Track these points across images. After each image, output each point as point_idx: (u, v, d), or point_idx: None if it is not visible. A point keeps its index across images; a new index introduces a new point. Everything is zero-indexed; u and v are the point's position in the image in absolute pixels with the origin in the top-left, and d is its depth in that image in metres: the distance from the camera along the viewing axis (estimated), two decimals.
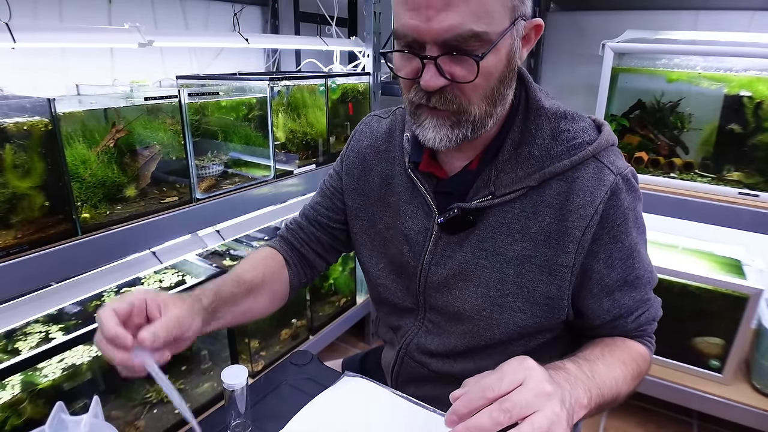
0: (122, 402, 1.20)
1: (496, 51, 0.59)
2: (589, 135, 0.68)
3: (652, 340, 0.76)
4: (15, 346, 1.09)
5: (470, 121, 0.63)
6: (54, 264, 0.98)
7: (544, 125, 0.67)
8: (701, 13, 1.69)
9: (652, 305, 0.74)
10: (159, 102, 1.15)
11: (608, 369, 0.63)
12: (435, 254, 0.74)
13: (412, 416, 0.71)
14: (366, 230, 0.83)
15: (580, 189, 0.66)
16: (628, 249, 0.68)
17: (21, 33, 0.97)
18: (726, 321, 1.49)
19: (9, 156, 0.89)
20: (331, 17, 2.02)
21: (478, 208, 0.69)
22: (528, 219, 0.67)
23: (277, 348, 1.68)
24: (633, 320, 0.73)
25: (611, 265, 0.68)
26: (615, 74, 1.48)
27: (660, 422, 1.68)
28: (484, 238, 0.70)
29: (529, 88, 0.70)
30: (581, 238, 0.66)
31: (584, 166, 0.67)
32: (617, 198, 0.66)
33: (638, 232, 0.70)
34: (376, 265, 0.82)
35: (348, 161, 0.84)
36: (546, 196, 0.67)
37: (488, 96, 0.62)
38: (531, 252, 0.68)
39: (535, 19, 0.64)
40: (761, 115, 1.31)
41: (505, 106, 0.66)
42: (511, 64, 0.63)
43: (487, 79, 0.60)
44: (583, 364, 0.61)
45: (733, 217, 1.33)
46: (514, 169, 0.67)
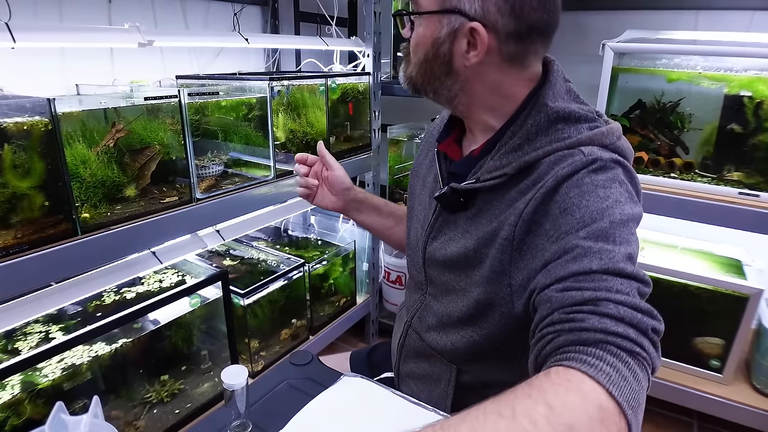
0: (122, 402, 1.20)
1: (423, 25, 0.70)
2: (580, 133, 0.67)
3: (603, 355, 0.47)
4: (15, 346, 1.09)
5: (407, 76, 0.76)
6: (54, 264, 0.98)
7: (541, 122, 0.68)
8: (701, 13, 1.69)
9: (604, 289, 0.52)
10: (159, 102, 1.15)
11: None
12: (434, 228, 0.80)
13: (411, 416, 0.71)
14: (409, 208, 0.94)
15: (542, 170, 0.65)
16: (578, 222, 0.58)
17: (21, 33, 0.97)
18: (726, 321, 1.49)
19: (9, 156, 0.89)
20: (331, 17, 2.02)
21: (467, 190, 0.72)
22: (504, 205, 0.69)
23: (277, 348, 1.68)
24: (560, 289, 0.55)
25: (549, 237, 0.61)
26: (615, 74, 1.48)
27: (660, 422, 1.68)
28: (469, 220, 0.74)
29: (545, 87, 0.70)
30: (523, 210, 0.64)
31: (557, 153, 0.66)
32: (577, 174, 0.62)
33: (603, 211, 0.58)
34: (407, 234, 0.92)
35: (420, 146, 0.96)
36: (521, 185, 0.67)
37: (417, 65, 0.72)
38: (497, 230, 0.69)
39: (474, 23, 0.65)
40: (761, 115, 1.31)
41: (447, 93, 0.73)
42: (437, 49, 0.69)
43: (415, 44, 0.72)
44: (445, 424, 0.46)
45: (734, 217, 1.33)
46: (500, 158, 0.70)
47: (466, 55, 0.68)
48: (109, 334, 1.11)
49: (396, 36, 1.93)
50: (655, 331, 0.51)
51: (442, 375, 0.82)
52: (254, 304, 1.55)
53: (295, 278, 1.69)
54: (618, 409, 0.43)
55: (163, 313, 1.24)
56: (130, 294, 1.32)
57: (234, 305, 1.46)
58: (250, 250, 1.81)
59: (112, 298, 1.29)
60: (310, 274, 1.76)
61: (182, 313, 1.30)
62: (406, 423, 0.70)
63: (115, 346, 1.14)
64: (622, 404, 0.43)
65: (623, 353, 0.47)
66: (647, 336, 0.49)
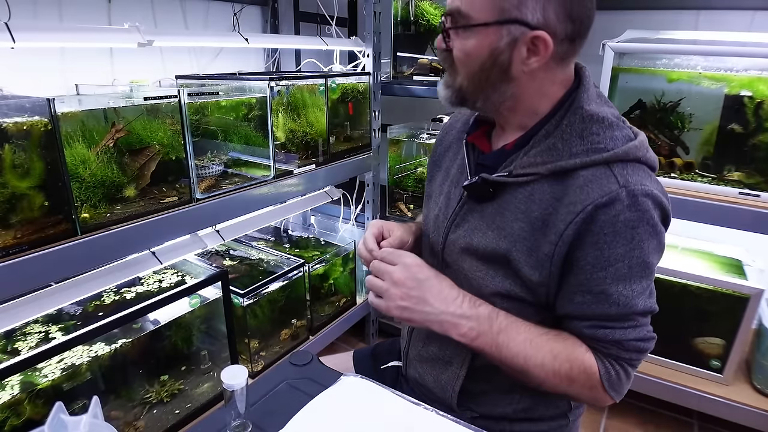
0: (122, 402, 1.20)
1: (477, 36, 0.69)
2: (614, 144, 0.70)
3: (615, 365, 0.72)
4: (15, 346, 1.09)
5: (455, 88, 0.75)
6: (53, 264, 0.98)
7: (576, 124, 0.71)
8: (702, 12, 1.69)
9: (621, 328, 0.71)
10: (159, 102, 1.15)
11: (525, 345, 0.72)
12: (458, 216, 0.82)
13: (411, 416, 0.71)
14: (427, 196, 0.95)
15: (578, 185, 0.68)
16: (605, 261, 0.68)
17: (21, 33, 0.97)
18: (726, 321, 1.48)
19: (8, 156, 0.89)
20: (331, 17, 2.02)
21: (497, 182, 0.74)
22: (533, 203, 0.72)
23: (277, 348, 1.68)
24: (589, 326, 0.72)
25: (581, 268, 0.69)
26: (615, 74, 1.48)
27: (660, 422, 1.68)
28: (496, 211, 0.76)
29: (580, 90, 0.74)
30: (563, 232, 0.68)
31: (594, 169, 0.69)
32: (613, 207, 0.66)
33: (627, 253, 0.67)
34: (425, 220, 0.93)
35: (437, 138, 0.98)
36: (555, 189, 0.70)
37: (470, 75, 0.72)
38: (526, 234, 0.72)
39: (538, 31, 0.67)
40: (762, 115, 1.31)
41: (499, 98, 0.74)
42: (495, 58, 0.70)
43: (467, 56, 0.71)
44: (502, 323, 0.73)
45: (734, 217, 1.33)
46: (535, 156, 0.72)
47: (526, 62, 0.70)
48: (109, 334, 1.11)
49: (396, 36, 1.93)
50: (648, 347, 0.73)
51: (454, 357, 0.83)
52: (254, 304, 1.55)
53: (294, 278, 1.69)
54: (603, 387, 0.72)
55: (163, 313, 1.24)
56: (129, 294, 1.32)
57: (234, 305, 1.46)
58: (250, 250, 1.81)
59: (111, 298, 1.29)
60: (310, 274, 1.76)
61: (182, 313, 1.30)
62: (405, 423, 0.70)
63: (115, 347, 1.14)
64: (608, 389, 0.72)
65: (625, 365, 0.73)
66: (643, 352, 0.73)
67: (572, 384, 0.72)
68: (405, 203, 2.06)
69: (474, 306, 0.74)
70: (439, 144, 0.96)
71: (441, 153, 0.94)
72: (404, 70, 1.98)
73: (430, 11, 1.88)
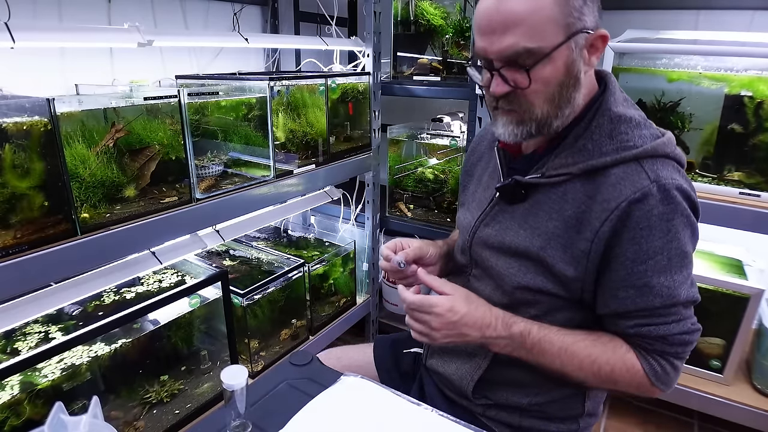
0: (122, 402, 1.20)
1: (552, 62, 0.69)
2: (643, 141, 0.72)
3: (660, 360, 0.74)
4: (14, 346, 1.09)
5: (533, 120, 0.74)
6: (53, 264, 0.98)
7: (605, 125, 0.74)
8: (702, 12, 1.69)
9: (665, 323, 0.72)
10: (158, 102, 1.15)
11: (560, 354, 0.76)
12: (488, 216, 0.86)
13: (411, 416, 0.71)
14: (462, 202, 1.00)
15: (610, 183, 0.71)
16: (644, 254, 0.70)
17: (20, 33, 0.97)
18: (727, 321, 1.48)
19: (8, 156, 0.89)
20: (331, 17, 2.02)
21: (530, 184, 0.78)
22: (566, 202, 0.75)
23: (277, 348, 1.68)
24: (633, 326, 0.74)
25: (621, 264, 0.71)
26: (615, 74, 1.48)
27: (660, 422, 1.68)
28: (529, 211, 0.79)
29: (607, 93, 0.77)
30: (599, 229, 0.71)
31: (624, 166, 0.71)
32: (646, 202, 0.68)
33: (665, 245, 0.70)
34: (459, 226, 0.97)
35: (474, 142, 1.03)
36: (587, 187, 0.73)
37: (550, 99, 0.73)
38: (560, 232, 0.75)
39: (600, 30, 0.72)
40: (762, 114, 1.31)
41: (573, 107, 0.75)
42: (571, 71, 0.72)
43: (545, 85, 0.71)
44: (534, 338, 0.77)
45: (734, 217, 1.33)
46: (566, 157, 0.76)
47: (589, 61, 0.73)
48: (109, 334, 1.11)
49: (396, 36, 1.93)
50: (693, 339, 0.74)
51: (478, 351, 0.86)
52: (254, 304, 1.55)
53: (294, 278, 1.69)
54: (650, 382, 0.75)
55: (163, 313, 1.24)
56: (129, 294, 1.32)
57: (234, 305, 1.46)
58: (250, 250, 1.81)
59: (111, 298, 1.29)
60: (310, 274, 1.76)
61: (182, 314, 1.30)
62: (405, 423, 0.70)
63: (115, 347, 1.14)
64: (655, 383, 0.75)
65: (671, 358, 0.75)
66: (689, 344, 0.75)
67: (617, 384, 0.76)
68: (405, 203, 2.06)
69: (507, 327, 0.78)
70: (471, 154, 1.00)
71: (473, 162, 0.98)
72: (404, 70, 1.98)
73: (430, 11, 1.88)
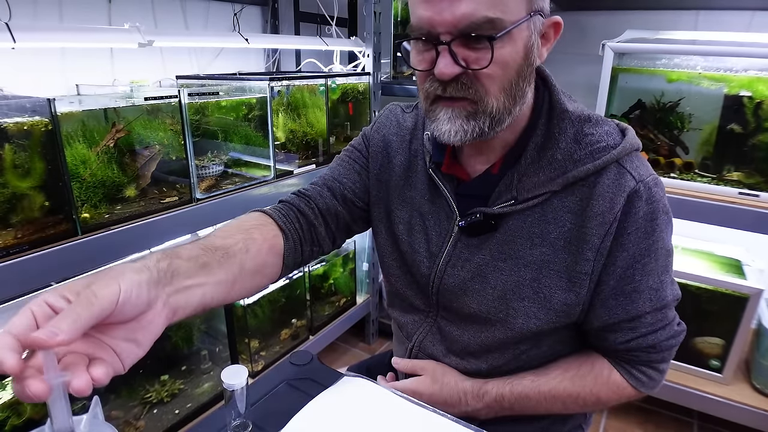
0: (122, 402, 1.20)
1: (512, 41, 0.59)
2: (613, 139, 0.67)
3: (646, 370, 0.72)
4: None
5: (487, 113, 0.61)
6: (54, 264, 0.98)
7: (567, 129, 0.66)
8: (701, 13, 1.69)
9: (654, 331, 0.69)
10: (159, 102, 1.15)
11: (541, 402, 0.73)
12: (453, 256, 0.73)
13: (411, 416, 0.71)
14: (382, 220, 0.81)
15: (600, 194, 0.64)
16: (631, 258, 0.65)
17: (21, 33, 0.97)
18: (726, 321, 1.49)
19: (9, 156, 0.89)
20: (331, 17, 2.02)
21: (500, 214, 0.68)
22: (548, 224, 0.66)
23: (277, 348, 1.68)
24: (623, 341, 0.69)
25: (612, 273, 0.66)
26: (615, 74, 1.48)
27: (660, 422, 1.68)
28: (503, 241, 0.69)
29: (553, 90, 0.69)
30: (600, 246, 0.64)
31: (606, 171, 0.65)
32: (632, 205, 0.64)
33: (650, 246, 0.65)
34: (390, 255, 0.81)
35: (374, 144, 0.83)
36: (567, 201, 0.66)
37: (506, 89, 0.61)
38: (550, 257, 0.67)
39: (553, 16, 0.63)
40: (761, 115, 1.31)
41: (523, 104, 0.65)
42: (529, 58, 0.62)
43: (503, 68, 0.59)
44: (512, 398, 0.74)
45: (734, 217, 1.33)
46: (537, 173, 0.66)
47: (540, 51, 0.64)
48: None
49: (396, 36, 1.93)
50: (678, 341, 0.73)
51: None
52: (254, 304, 1.55)
53: (295, 278, 1.69)
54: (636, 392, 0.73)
55: None
56: None
57: (234, 305, 1.46)
58: None
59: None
60: (310, 274, 1.76)
61: None
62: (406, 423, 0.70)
63: None
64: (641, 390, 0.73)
65: (656, 364, 0.73)
66: (674, 347, 0.73)
67: (605, 405, 0.75)
68: None
69: (479, 399, 0.75)
70: (379, 153, 0.81)
71: (383, 166, 0.81)
72: (404, 70, 1.98)
73: None
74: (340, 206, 0.80)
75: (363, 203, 0.83)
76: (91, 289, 0.42)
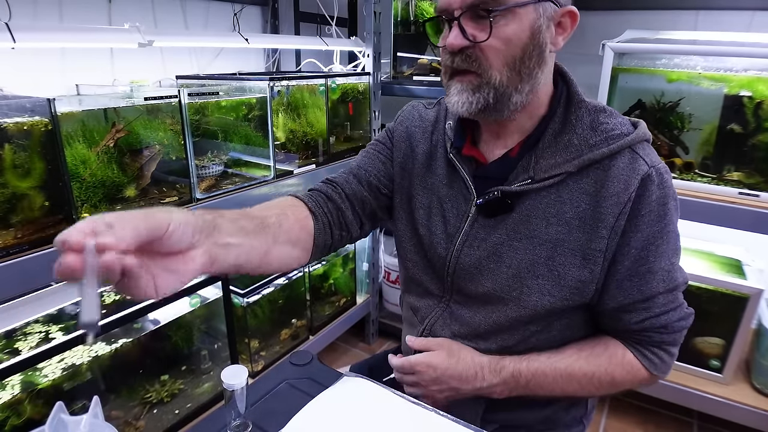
0: (122, 402, 1.20)
1: (517, 19, 0.64)
2: (626, 128, 0.71)
3: (658, 352, 0.74)
4: (15, 346, 1.09)
5: (491, 86, 0.66)
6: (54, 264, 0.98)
7: (584, 117, 0.71)
8: (701, 13, 1.69)
9: (666, 311, 0.71)
10: (159, 102, 1.15)
11: (557, 381, 0.74)
12: (470, 236, 0.76)
13: (411, 416, 0.71)
14: (404, 207, 0.85)
15: (615, 176, 0.68)
16: (645, 240, 0.68)
17: (21, 33, 0.97)
18: (726, 321, 1.49)
19: (9, 156, 0.89)
20: (331, 17, 2.02)
21: (517, 192, 0.71)
22: (563, 204, 0.70)
23: (277, 348, 1.68)
24: (637, 321, 0.71)
25: (626, 253, 0.69)
26: (615, 74, 1.48)
27: (660, 422, 1.68)
28: (519, 221, 0.72)
29: (571, 84, 0.74)
30: (614, 224, 0.68)
31: (620, 156, 0.69)
32: (646, 188, 0.67)
33: (662, 229, 0.68)
34: (409, 241, 0.85)
35: (397, 135, 0.87)
36: (583, 183, 0.69)
37: (510, 64, 0.66)
38: (565, 236, 0.70)
39: (569, 6, 0.67)
40: (761, 115, 1.31)
41: (535, 86, 0.69)
42: (536, 39, 0.66)
43: (506, 44, 0.65)
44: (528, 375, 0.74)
45: (734, 217, 1.33)
46: (554, 156, 0.70)
47: (555, 40, 0.68)
48: (110, 334, 1.11)
49: (396, 36, 1.93)
50: (688, 324, 0.73)
51: None
52: (254, 304, 1.55)
53: (295, 278, 1.69)
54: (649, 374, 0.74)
55: (163, 313, 1.24)
56: None
57: (234, 305, 1.46)
58: None
59: (112, 298, 1.29)
60: (310, 274, 1.76)
61: (182, 313, 1.30)
62: (406, 423, 0.70)
63: (115, 346, 1.14)
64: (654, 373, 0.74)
65: (668, 347, 0.74)
66: (684, 330, 0.74)
67: (619, 386, 0.75)
68: None
69: (496, 374, 0.75)
70: (403, 143, 0.86)
71: (406, 156, 0.85)
72: (404, 70, 1.98)
73: (430, 11, 1.88)
74: (366, 192, 0.85)
75: (388, 190, 0.87)
76: (148, 212, 0.50)
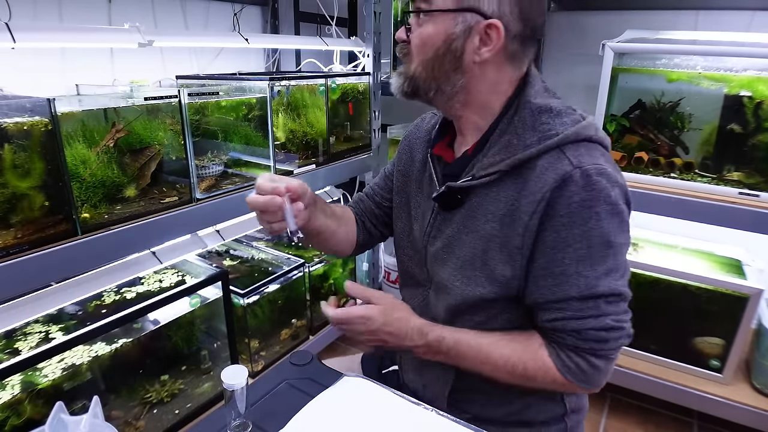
0: (122, 402, 1.20)
1: (433, 24, 0.72)
2: (565, 129, 0.70)
3: (574, 357, 0.71)
4: (15, 346, 1.09)
5: (408, 76, 0.76)
6: (54, 264, 0.98)
7: (527, 117, 0.73)
8: (701, 13, 1.69)
9: (580, 317, 0.69)
10: (159, 102, 1.15)
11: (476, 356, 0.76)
12: (433, 228, 0.83)
13: (411, 416, 0.72)
14: (403, 207, 0.93)
15: (535, 176, 0.69)
16: (562, 242, 0.68)
17: (21, 33, 0.97)
18: (726, 321, 1.49)
19: (9, 156, 0.89)
20: (331, 17, 2.02)
21: (463, 188, 0.76)
22: (498, 201, 0.73)
23: (277, 348, 1.68)
24: (550, 319, 0.71)
25: (543, 252, 0.70)
26: (615, 74, 1.48)
27: (660, 422, 1.68)
28: (467, 215, 0.77)
29: (526, 87, 0.75)
30: (528, 222, 0.69)
31: (547, 155, 0.69)
32: (566, 188, 0.66)
33: (583, 233, 0.67)
34: (407, 238, 0.91)
35: (401, 147, 0.96)
36: (513, 182, 0.72)
37: (424, 63, 0.74)
38: (497, 232, 0.73)
39: (493, 19, 0.69)
40: (761, 115, 1.31)
41: (459, 87, 0.75)
42: (449, 44, 0.71)
43: (422, 42, 0.73)
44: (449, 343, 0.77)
45: (734, 217, 1.33)
46: (495, 155, 0.74)
47: (478, 51, 0.71)
48: (109, 334, 1.11)
49: None
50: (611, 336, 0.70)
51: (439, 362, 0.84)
52: (254, 304, 1.55)
53: (295, 278, 1.69)
54: (565, 379, 0.72)
55: (163, 313, 1.24)
56: (130, 294, 1.32)
57: (234, 305, 1.46)
58: (250, 250, 1.81)
59: (112, 298, 1.29)
60: (310, 274, 1.76)
61: (182, 313, 1.30)
62: (405, 422, 0.70)
63: (115, 346, 1.14)
64: (571, 380, 0.72)
65: (586, 355, 0.71)
66: (605, 342, 0.70)
67: (533, 381, 0.74)
68: None
69: (422, 336, 0.79)
70: (404, 153, 0.94)
71: (408, 164, 0.93)
72: None
73: None
74: (374, 206, 1.00)
75: (388, 201, 0.99)
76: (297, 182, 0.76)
